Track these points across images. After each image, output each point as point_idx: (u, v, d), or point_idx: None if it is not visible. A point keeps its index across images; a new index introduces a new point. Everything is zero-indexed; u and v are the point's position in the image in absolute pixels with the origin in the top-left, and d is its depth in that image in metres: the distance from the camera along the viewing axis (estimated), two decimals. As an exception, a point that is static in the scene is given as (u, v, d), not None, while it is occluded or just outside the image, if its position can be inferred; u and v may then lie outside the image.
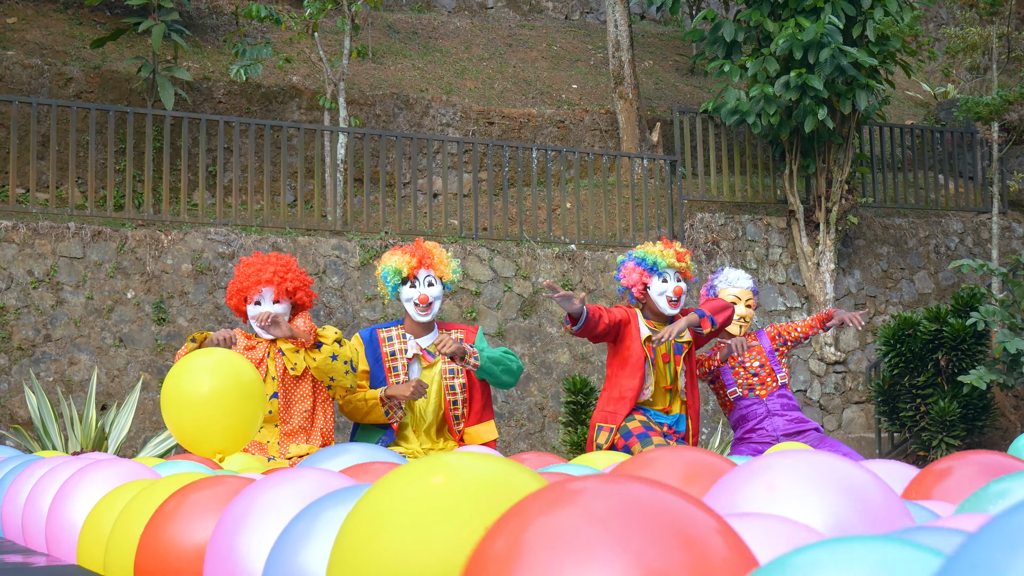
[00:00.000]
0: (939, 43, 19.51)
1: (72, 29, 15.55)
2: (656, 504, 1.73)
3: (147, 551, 3.05)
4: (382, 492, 2.13)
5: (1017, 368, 11.12)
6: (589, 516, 1.69)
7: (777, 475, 2.39)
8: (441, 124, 16.18)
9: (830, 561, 1.53)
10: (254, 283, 6.86)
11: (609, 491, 1.75)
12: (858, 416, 13.87)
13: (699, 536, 1.69)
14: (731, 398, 7.74)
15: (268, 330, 6.72)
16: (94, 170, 12.12)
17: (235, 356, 6.05)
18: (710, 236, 13.79)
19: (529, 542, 1.69)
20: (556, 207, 14.88)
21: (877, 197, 15.23)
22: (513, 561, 1.68)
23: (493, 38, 18.99)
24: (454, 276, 7.10)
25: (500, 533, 1.76)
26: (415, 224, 13.07)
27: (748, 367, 7.71)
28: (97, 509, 3.69)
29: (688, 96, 18.20)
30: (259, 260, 6.98)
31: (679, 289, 7.20)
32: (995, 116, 14.03)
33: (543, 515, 1.73)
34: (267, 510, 2.64)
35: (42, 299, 11.02)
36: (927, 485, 3.48)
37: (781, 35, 13.10)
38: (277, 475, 2.79)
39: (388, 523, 2.05)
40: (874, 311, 14.36)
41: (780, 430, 7.60)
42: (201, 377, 5.72)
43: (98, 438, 9.44)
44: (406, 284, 6.97)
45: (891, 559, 1.53)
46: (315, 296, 7.32)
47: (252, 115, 15.02)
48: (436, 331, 7.05)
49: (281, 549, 2.41)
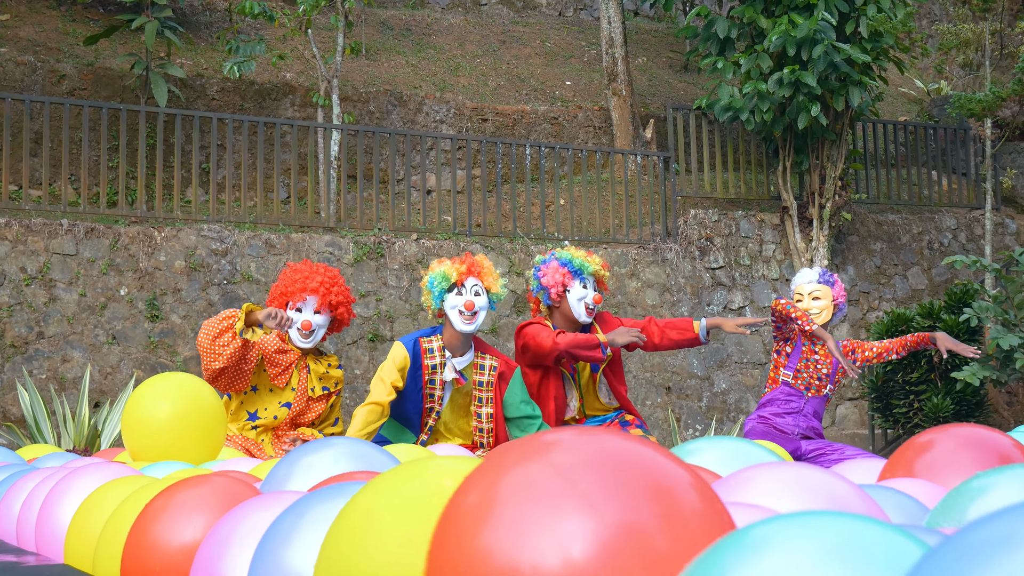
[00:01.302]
0: (932, 39, 19.52)
1: (65, 26, 15.54)
2: (627, 457, 1.72)
3: (134, 550, 3.05)
4: (372, 492, 2.13)
5: (1010, 364, 11.13)
6: (558, 468, 1.69)
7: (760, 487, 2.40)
8: (435, 121, 16.18)
9: (789, 533, 1.52)
10: (300, 289, 6.83)
11: (581, 443, 1.75)
12: (852, 412, 13.88)
13: (670, 488, 1.69)
14: (782, 379, 7.61)
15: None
16: (87, 167, 12.11)
17: (194, 380, 6.03)
18: (704, 232, 13.80)
19: (500, 494, 1.69)
20: (550, 204, 14.88)
21: (870, 193, 15.24)
22: (484, 513, 1.68)
23: (487, 35, 18.98)
24: (502, 291, 7.03)
25: (473, 485, 1.75)
26: (408, 221, 13.07)
27: (819, 369, 7.61)
28: (84, 508, 3.69)
29: (682, 93, 18.21)
30: (308, 268, 6.95)
31: (598, 298, 7.17)
32: (988, 112, 14.03)
33: (514, 467, 1.73)
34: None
35: (35, 296, 11.01)
36: (908, 459, 3.48)
37: (774, 32, 13.10)
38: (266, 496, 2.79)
39: (378, 524, 2.05)
40: (867, 307, 14.37)
41: (802, 430, 7.56)
42: (160, 402, 5.71)
43: (91, 435, 9.44)
44: (452, 291, 6.84)
45: (850, 533, 1.53)
46: (355, 316, 7.32)
47: (245, 112, 15.01)
48: (473, 351, 6.95)
49: (266, 547, 2.40)
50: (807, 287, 7.71)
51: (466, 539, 1.69)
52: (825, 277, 7.74)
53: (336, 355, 7.18)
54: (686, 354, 13.07)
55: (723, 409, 13.07)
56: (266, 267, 11.82)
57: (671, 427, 11.62)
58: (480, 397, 6.85)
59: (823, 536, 1.51)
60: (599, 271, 7.24)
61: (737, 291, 13.72)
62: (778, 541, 1.51)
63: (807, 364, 7.58)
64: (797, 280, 7.80)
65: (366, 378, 11.77)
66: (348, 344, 11.83)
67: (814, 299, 7.68)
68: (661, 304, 13.22)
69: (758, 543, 1.51)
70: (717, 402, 13.08)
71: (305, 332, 6.79)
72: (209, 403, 5.84)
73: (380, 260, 12.28)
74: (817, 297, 7.68)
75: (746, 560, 1.49)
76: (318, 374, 6.89)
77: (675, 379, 12.98)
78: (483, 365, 6.92)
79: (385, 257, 12.22)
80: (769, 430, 7.54)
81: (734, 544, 1.53)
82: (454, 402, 6.86)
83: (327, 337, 7.04)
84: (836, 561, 1.48)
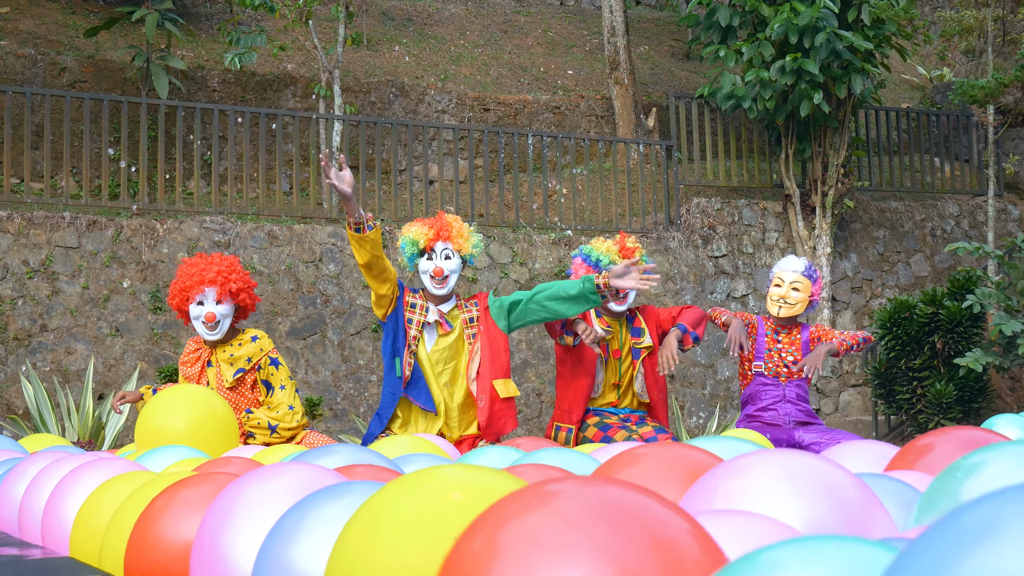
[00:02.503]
0: (935, 26, 19.49)
1: (65, 19, 15.53)
2: (629, 506, 1.73)
3: (137, 546, 3.06)
4: (380, 504, 2.13)
5: (1013, 350, 11.12)
6: (563, 518, 1.70)
7: (755, 474, 2.40)
8: (436, 111, 16.17)
9: (797, 559, 1.53)
10: (197, 283, 6.84)
11: (583, 493, 1.76)
12: (855, 399, 13.89)
13: (671, 538, 1.70)
14: (753, 371, 7.66)
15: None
16: (89, 159, 12.10)
17: (206, 392, 6.10)
18: (706, 221, 13.79)
19: (504, 543, 1.70)
20: (552, 193, 14.88)
21: (873, 181, 15.22)
22: (488, 562, 1.69)
23: (488, 24, 18.97)
24: (474, 250, 7.07)
25: (476, 533, 1.76)
26: (411, 211, 13.06)
27: (783, 357, 7.65)
28: (89, 502, 3.70)
29: (684, 81, 18.19)
30: (202, 260, 6.96)
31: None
32: (991, 99, 14.01)
33: (518, 516, 1.74)
34: (254, 505, 2.65)
35: (38, 289, 11.02)
36: (909, 460, 3.50)
37: (776, 19, 13.08)
38: (264, 470, 2.79)
39: (386, 537, 2.05)
40: (870, 294, 14.36)
41: (793, 417, 7.58)
42: (174, 416, 5.79)
43: (95, 428, 9.46)
44: (423, 256, 6.96)
45: (859, 559, 1.53)
46: (259, 300, 7.31)
47: (247, 103, 15.01)
48: (455, 300, 7.04)
49: (270, 546, 2.41)
50: (789, 275, 7.74)
51: None
52: (809, 271, 7.78)
53: (261, 329, 7.20)
54: (689, 343, 13.07)
55: (726, 397, 13.07)
56: (269, 259, 11.81)
57: (675, 415, 11.63)
58: (472, 333, 6.91)
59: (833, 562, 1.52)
60: (616, 260, 7.23)
61: (740, 279, 13.72)
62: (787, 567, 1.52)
63: (771, 354, 7.62)
64: (782, 265, 7.81)
65: (370, 368, 11.78)
66: (351, 335, 11.83)
67: (794, 289, 7.70)
68: (664, 293, 13.22)
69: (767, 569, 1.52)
70: (720, 390, 13.08)
71: (210, 324, 6.80)
72: (222, 414, 5.92)
73: (383, 251, 12.27)
74: (797, 288, 7.70)
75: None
76: (225, 361, 6.89)
77: (678, 367, 12.98)
78: (467, 304, 7.03)
79: (388, 248, 12.21)
80: (760, 427, 7.56)
81: (742, 569, 1.54)
82: (441, 357, 6.86)
83: (237, 324, 7.01)
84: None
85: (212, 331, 6.82)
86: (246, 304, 6.98)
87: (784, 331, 7.73)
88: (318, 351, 11.69)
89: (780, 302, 7.70)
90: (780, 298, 7.70)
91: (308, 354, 11.63)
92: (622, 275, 6.71)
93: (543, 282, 12.67)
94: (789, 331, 7.75)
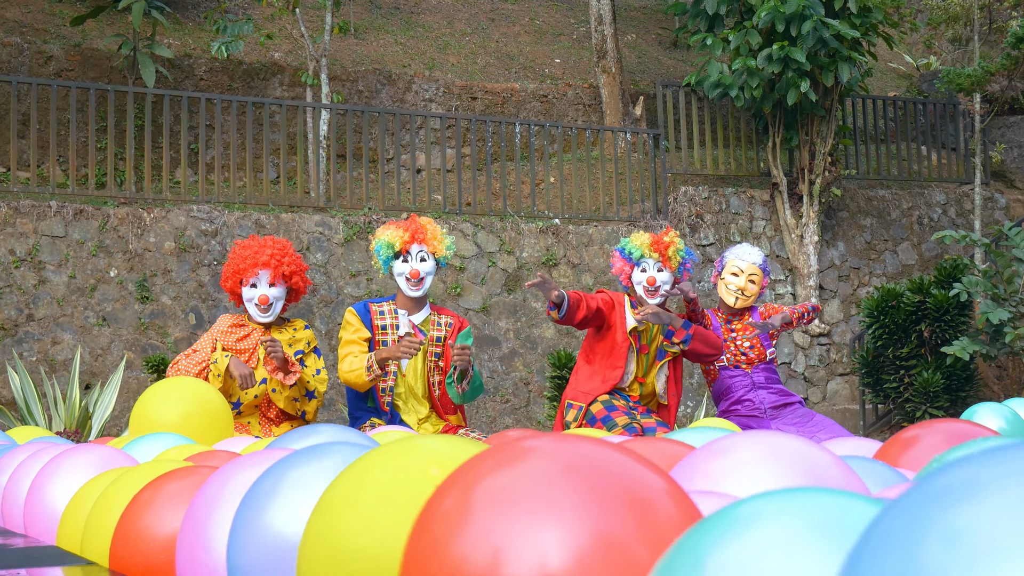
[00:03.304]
0: (921, 15, 19.50)
1: (52, 7, 15.48)
2: (604, 464, 1.71)
3: (123, 538, 3.06)
4: (356, 476, 2.13)
5: (1000, 339, 11.15)
6: (536, 475, 1.68)
7: (738, 456, 2.40)
8: (424, 100, 16.16)
9: (773, 511, 1.52)
10: (251, 265, 6.87)
11: (557, 450, 1.74)
12: (842, 388, 13.91)
13: (647, 497, 1.68)
14: (718, 365, 7.68)
15: (266, 348, 6.72)
16: (75, 148, 12.08)
17: (200, 384, 6.13)
18: (694, 209, 13.80)
19: (475, 501, 1.68)
20: (540, 182, 14.87)
21: (860, 169, 15.24)
22: (459, 520, 1.67)
23: (475, 13, 18.95)
24: (447, 252, 7.10)
25: (448, 492, 1.75)
26: (399, 200, 13.05)
27: (740, 345, 7.66)
28: (79, 495, 3.70)
29: (671, 69, 18.19)
30: (256, 243, 6.99)
31: (652, 279, 7.16)
32: (977, 87, 14.04)
33: (490, 474, 1.72)
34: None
35: (24, 278, 10.99)
36: (893, 453, 3.51)
37: (763, 8, 13.08)
38: (248, 458, 2.80)
39: (362, 509, 2.05)
40: (858, 283, 14.39)
41: (767, 403, 7.58)
42: (168, 407, 5.83)
43: (82, 417, 9.44)
44: (398, 259, 6.97)
45: (836, 510, 1.53)
46: (310, 283, 7.36)
47: (234, 92, 14.98)
48: (428, 308, 7.06)
49: (248, 506, 2.40)
50: (747, 267, 7.74)
51: (440, 546, 1.68)
52: (765, 264, 7.82)
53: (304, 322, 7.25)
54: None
55: (714, 386, 13.09)
56: (256, 247, 11.79)
57: (662, 404, 11.64)
58: (437, 352, 6.93)
59: (809, 512, 1.51)
60: (647, 251, 7.22)
61: (727, 268, 13.72)
62: (763, 518, 1.51)
63: (728, 344, 7.64)
64: (739, 255, 7.79)
65: (357, 358, 11.77)
66: (339, 324, 11.82)
67: (751, 282, 7.71)
68: (652, 281, 13.22)
69: (743, 520, 1.51)
70: (708, 379, 13.09)
71: (263, 306, 6.84)
72: (216, 406, 5.95)
73: (370, 240, 12.26)
74: (753, 281, 7.72)
75: (731, 537, 1.48)
76: (286, 340, 6.92)
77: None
78: (439, 322, 7.03)
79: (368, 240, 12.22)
80: (738, 421, 7.56)
81: (720, 521, 1.53)
82: (415, 365, 6.91)
83: (287, 308, 7.06)
84: (821, 537, 1.48)
85: (265, 313, 6.86)
86: (299, 287, 7.03)
87: (736, 319, 7.75)
88: (305, 340, 11.68)
89: (738, 293, 7.72)
90: (739, 289, 7.72)
91: (295, 343, 11.62)
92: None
93: (531, 270, 12.68)
94: (741, 318, 7.76)
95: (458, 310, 12.19)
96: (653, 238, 7.32)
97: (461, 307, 12.32)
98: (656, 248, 7.27)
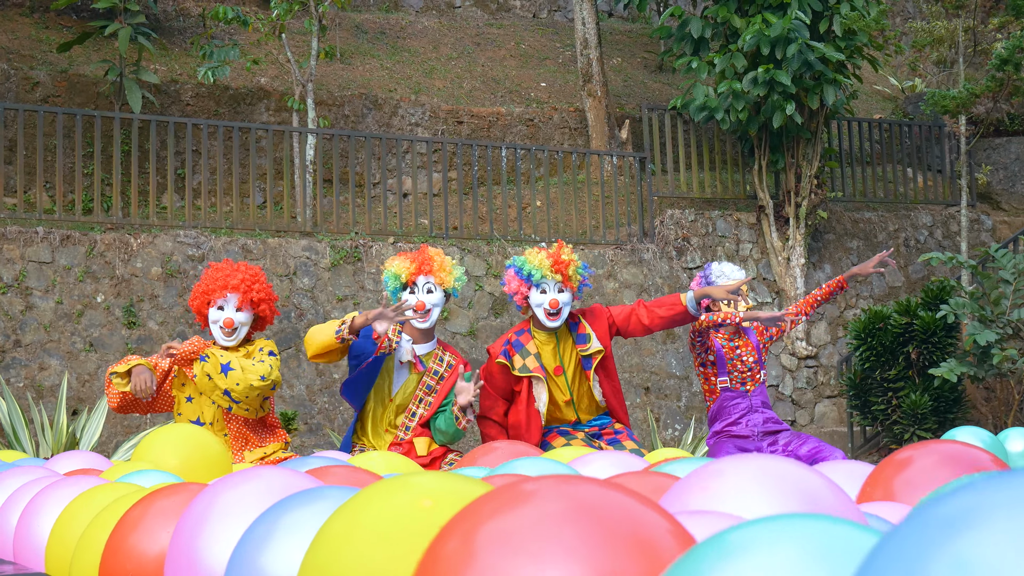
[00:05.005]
0: (906, 37, 19.59)
1: (38, 33, 15.48)
2: (608, 505, 1.72)
3: (111, 559, 3.04)
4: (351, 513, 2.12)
5: (987, 360, 11.16)
6: (540, 517, 1.68)
7: (730, 480, 2.39)
8: (410, 124, 16.17)
9: (765, 539, 1.52)
10: (220, 287, 6.85)
11: (561, 492, 1.74)
12: (830, 410, 13.91)
13: (652, 537, 1.68)
14: (719, 387, 7.59)
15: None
16: (62, 174, 12.06)
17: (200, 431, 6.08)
18: (680, 232, 13.81)
19: (480, 543, 1.68)
20: (526, 205, 14.88)
21: (846, 191, 15.28)
22: (464, 562, 1.67)
23: (461, 37, 18.98)
24: (457, 284, 7.05)
25: (452, 533, 1.75)
26: (385, 224, 13.05)
27: (745, 361, 7.61)
28: (63, 517, 3.68)
29: (657, 93, 18.23)
30: (229, 266, 6.98)
31: (554, 301, 7.00)
32: (962, 109, 14.09)
33: (495, 516, 1.72)
34: (227, 511, 2.64)
35: (11, 304, 10.96)
36: (887, 476, 3.47)
37: (748, 31, 13.12)
38: (237, 475, 2.79)
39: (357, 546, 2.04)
40: (845, 305, 14.40)
41: (760, 427, 7.55)
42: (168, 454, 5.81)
43: (69, 443, 9.41)
44: (406, 289, 6.97)
45: (827, 536, 1.52)
46: (278, 313, 7.32)
47: (220, 117, 14.98)
48: (435, 343, 7.06)
49: (243, 551, 2.40)
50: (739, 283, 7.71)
51: None
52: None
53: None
54: (664, 354, 13.09)
55: (702, 408, 13.08)
56: (243, 272, 11.78)
57: (650, 427, 11.63)
58: (430, 384, 6.92)
59: (801, 540, 1.51)
60: (548, 272, 7.03)
61: (715, 290, 13.73)
62: (756, 545, 1.50)
63: (735, 362, 7.57)
64: (734, 275, 7.68)
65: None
66: (326, 348, 11.80)
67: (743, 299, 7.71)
68: (639, 304, 13.22)
69: (736, 547, 1.51)
70: (696, 402, 13.09)
71: (227, 329, 6.82)
72: (215, 452, 5.93)
73: (357, 264, 12.26)
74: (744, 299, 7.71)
75: (723, 566, 1.48)
76: (244, 356, 6.87)
77: (654, 379, 12.99)
78: (442, 358, 7.02)
79: (362, 261, 12.19)
80: (731, 440, 7.52)
81: (712, 548, 1.52)
82: (405, 390, 6.90)
83: (251, 336, 7.01)
84: (815, 565, 1.47)
85: (229, 337, 6.83)
86: (265, 315, 6.99)
87: (736, 336, 7.71)
88: (292, 365, 11.66)
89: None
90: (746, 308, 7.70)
91: (283, 368, 11.59)
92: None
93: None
94: (740, 334, 7.72)
95: (445, 334, 12.17)
96: (552, 257, 7.09)
97: (448, 331, 12.31)
98: (557, 269, 7.06)
